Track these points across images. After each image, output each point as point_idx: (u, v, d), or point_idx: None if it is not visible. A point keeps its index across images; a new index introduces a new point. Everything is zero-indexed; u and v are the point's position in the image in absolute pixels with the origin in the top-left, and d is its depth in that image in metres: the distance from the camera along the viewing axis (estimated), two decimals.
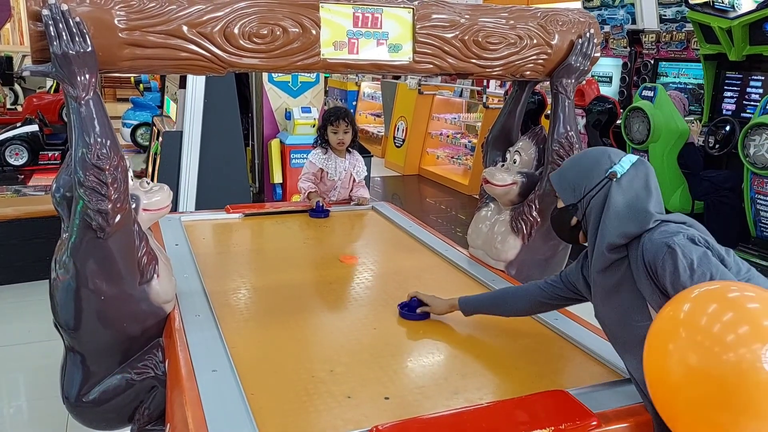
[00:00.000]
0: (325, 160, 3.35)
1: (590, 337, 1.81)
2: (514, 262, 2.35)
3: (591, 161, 1.54)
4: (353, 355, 1.71)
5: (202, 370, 1.56)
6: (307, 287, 2.21)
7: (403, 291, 2.21)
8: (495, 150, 2.58)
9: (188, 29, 1.77)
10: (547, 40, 2.21)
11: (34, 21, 1.61)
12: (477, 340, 1.89)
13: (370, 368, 1.63)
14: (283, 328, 1.87)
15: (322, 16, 1.92)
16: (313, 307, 2.05)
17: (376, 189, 8.00)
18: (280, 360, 1.67)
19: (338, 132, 3.28)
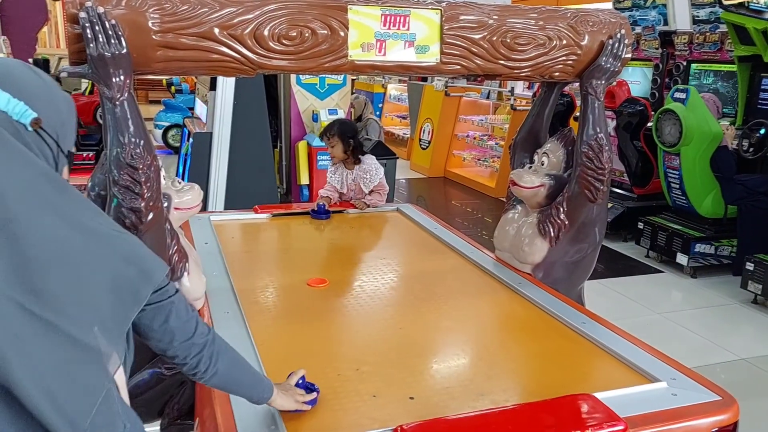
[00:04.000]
0: (332, 173, 3.40)
1: (618, 341, 1.79)
2: (541, 265, 2.33)
3: None
4: (379, 354, 1.72)
5: None
6: (334, 287, 2.22)
7: (429, 292, 2.22)
8: (523, 152, 2.57)
9: (219, 31, 1.80)
10: (577, 40, 2.19)
11: (72, 23, 1.65)
12: (503, 342, 1.89)
13: (395, 368, 1.64)
14: (310, 326, 1.89)
15: (351, 18, 1.94)
16: (339, 307, 2.06)
17: (401, 191, 8.01)
18: (307, 358, 1.69)
19: (335, 146, 3.31)
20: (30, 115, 0.95)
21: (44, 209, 0.90)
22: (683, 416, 1.41)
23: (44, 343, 0.87)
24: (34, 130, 0.96)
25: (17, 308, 0.85)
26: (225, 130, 4.99)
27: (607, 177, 2.19)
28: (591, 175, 2.18)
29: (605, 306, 3.60)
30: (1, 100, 0.94)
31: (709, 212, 4.88)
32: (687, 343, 3.74)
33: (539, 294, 2.14)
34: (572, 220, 2.25)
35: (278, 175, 5.76)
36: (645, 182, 5.67)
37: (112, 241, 0.99)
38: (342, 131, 3.32)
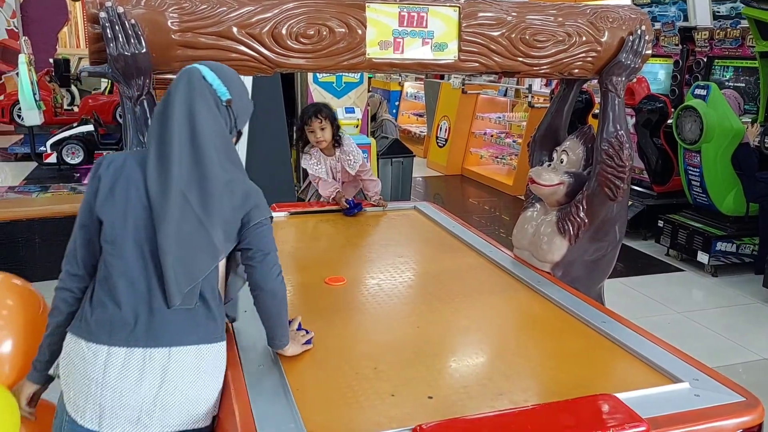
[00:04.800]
0: (314, 165, 3.20)
1: (639, 341, 1.77)
2: (560, 264, 2.31)
3: None
4: (397, 353, 1.71)
5: (249, 364, 1.59)
6: (351, 285, 2.22)
7: (446, 290, 2.21)
8: (542, 149, 2.55)
9: (238, 30, 1.81)
10: (597, 37, 2.17)
11: (92, 23, 1.67)
12: (522, 341, 1.87)
13: (413, 367, 1.63)
14: (327, 324, 1.89)
15: (368, 16, 1.93)
16: (357, 305, 2.06)
17: (418, 189, 7.99)
18: (325, 356, 1.69)
19: (314, 131, 3.12)
20: (227, 96, 1.48)
21: (215, 150, 1.42)
22: (707, 417, 1.39)
23: (190, 229, 1.38)
24: (226, 106, 1.48)
25: (185, 203, 1.37)
26: (242, 129, 5.01)
27: (627, 175, 2.16)
28: (611, 173, 2.16)
29: (625, 305, 3.56)
30: (214, 81, 1.47)
31: (731, 210, 4.81)
32: (708, 343, 3.69)
33: (559, 293, 2.13)
34: (592, 218, 2.23)
35: (295, 173, 5.78)
36: (665, 180, 5.60)
37: (244, 182, 1.49)
38: (331, 113, 3.19)
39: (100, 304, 1.38)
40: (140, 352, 1.36)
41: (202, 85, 1.44)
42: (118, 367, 1.35)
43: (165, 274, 1.36)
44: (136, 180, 1.39)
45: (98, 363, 1.35)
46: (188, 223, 1.38)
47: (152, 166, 1.38)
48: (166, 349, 1.37)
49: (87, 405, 1.36)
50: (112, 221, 1.38)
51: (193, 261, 1.39)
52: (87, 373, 1.36)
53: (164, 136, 1.39)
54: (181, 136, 1.39)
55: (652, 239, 5.41)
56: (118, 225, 1.38)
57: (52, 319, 1.47)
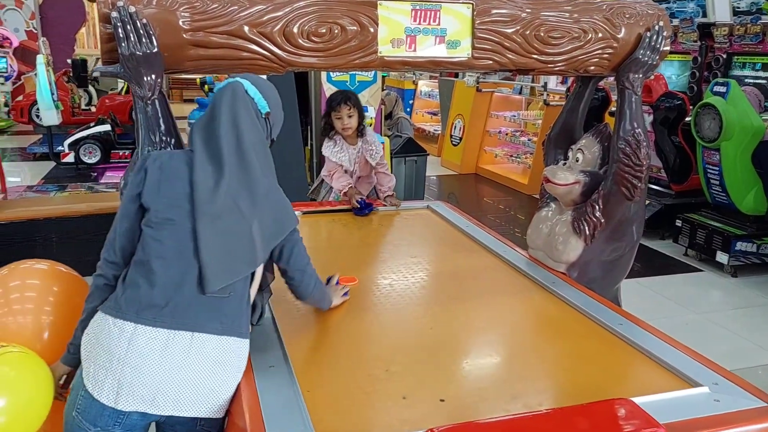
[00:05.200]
0: (337, 152, 3.19)
1: (656, 344, 1.73)
2: (575, 264, 2.27)
3: None
4: (409, 354, 1.69)
5: (260, 365, 1.58)
6: (363, 285, 2.20)
7: (460, 291, 2.19)
8: (557, 148, 2.51)
9: (249, 29, 1.80)
10: (613, 33, 2.13)
11: (104, 23, 1.67)
12: (537, 343, 1.84)
13: (426, 368, 1.61)
14: (340, 325, 1.88)
15: (380, 14, 1.91)
16: (370, 306, 2.04)
17: (432, 188, 7.96)
18: (336, 358, 1.68)
19: (342, 117, 3.10)
20: (266, 109, 1.64)
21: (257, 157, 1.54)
22: (727, 423, 1.36)
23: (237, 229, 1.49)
24: (264, 118, 1.64)
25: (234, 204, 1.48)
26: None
27: (644, 174, 2.12)
28: (628, 172, 2.12)
29: (642, 306, 3.51)
30: (256, 95, 1.62)
31: (751, 209, 4.73)
32: (728, 345, 3.62)
33: (574, 294, 2.09)
34: (608, 218, 2.20)
35: (309, 172, 5.77)
36: (683, 178, 5.52)
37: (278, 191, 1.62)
38: (359, 102, 3.17)
39: (132, 284, 1.45)
40: (164, 332, 1.41)
41: (245, 98, 1.59)
42: (141, 344, 1.40)
43: (203, 263, 1.44)
44: (182, 176, 1.49)
45: (123, 339, 1.40)
46: (235, 223, 1.48)
47: (201, 166, 1.48)
48: (189, 333, 1.43)
49: (106, 380, 1.40)
50: (157, 208, 1.47)
51: (233, 259, 1.49)
52: (110, 349, 1.41)
53: (212, 141, 1.51)
54: (229, 143, 1.51)
55: (670, 239, 5.34)
56: (162, 211, 1.47)
57: (87, 305, 1.55)
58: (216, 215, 1.46)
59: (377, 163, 3.27)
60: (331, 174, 3.25)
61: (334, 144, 3.20)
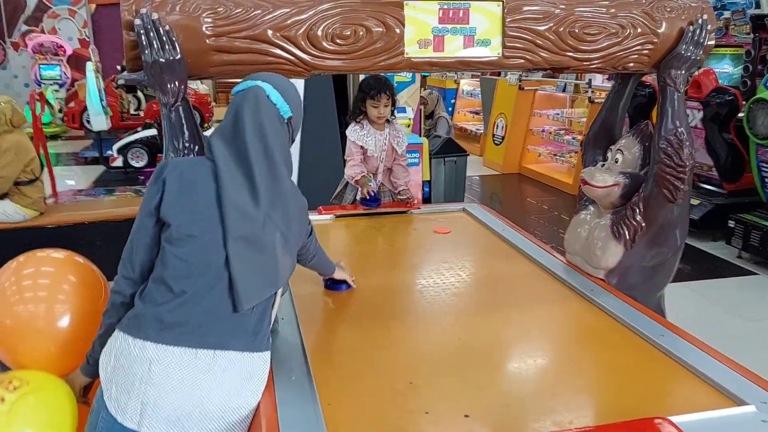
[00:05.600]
0: (364, 136, 3.13)
1: (700, 357, 1.63)
2: (615, 271, 2.17)
3: None
4: (434, 366, 1.64)
5: (281, 375, 1.55)
6: (392, 292, 2.15)
7: (492, 299, 2.12)
8: (596, 148, 2.41)
9: (273, 33, 1.77)
10: (653, 28, 2.03)
11: (128, 30, 1.67)
12: (571, 355, 1.76)
13: (451, 382, 1.55)
14: (365, 334, 1.83)
15: (407, 14, 1.86)
16: (397, 314, 1.99)
17: (475, 188, 7.86)
18: (359, 369, 1.63)
19: (379, 106, 3.06)
20: (288, 113, 1.57)
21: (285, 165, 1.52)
22: None
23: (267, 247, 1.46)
24: (287, 123, 1.58)
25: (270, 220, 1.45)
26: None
27: (687, 175, 2.01)
28: (670, 173, 2.01)
29: (690, 312, 3.35)
30: (278, 101, 1.55)
31: None
32: None
33: (613, 302, 2.00)
34: (649, 222, 2.09)
35: None
36: (736, 177, 5.27)
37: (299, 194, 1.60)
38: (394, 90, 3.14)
39: (152, 302, 1.40)
40: (187, 351, 1.38)
41: (268, 104, 1.52)
42: (163, 365, 1.36)
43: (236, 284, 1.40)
44: (205, 188, 1.43)
45: (144, 360, 1.36)
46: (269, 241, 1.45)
47: (230, 179, 1.43)
48: (212, 351, 1.39)
49: (129, 402, 1.36)
50: (179, 223, 1.41)
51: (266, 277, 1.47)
52: (132, 370, 1.37)
53: (240, 153, 1.46)
54: (257, 153, 1.46)
55: (722, 240, 5.11)
56: (185, 226, 1.41)
57: (105, 319, 1.51)
58: (252, 237, 1.42)
59: (398, 155, 3.22)
60: (348, 159, 3.19)
61: (361, 128, 3.16)
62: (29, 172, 4.06)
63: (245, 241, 1.41)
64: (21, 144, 3.98)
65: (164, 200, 1.43)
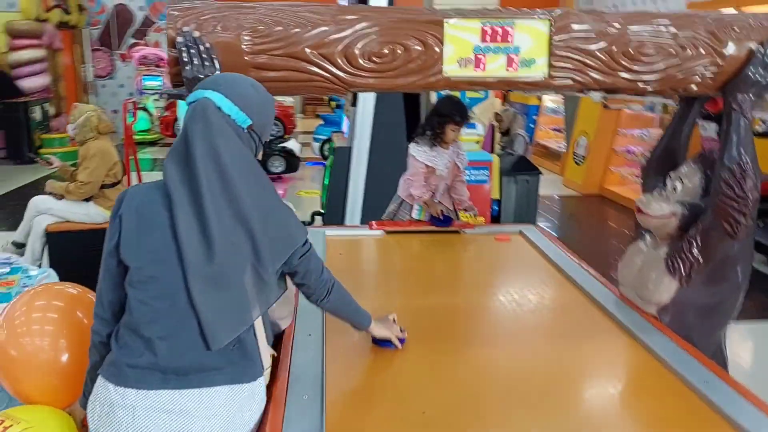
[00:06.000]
0: (434, 157, 3.13)
1: (750, 413, 1.47)
2: (668, 308, 2.02)
3: None
4: (452, 397, 1.57)
5: (294, 393, 1.54)
6: (427, 314, 2.10)
7: (530, 330, 2.02)
8: (657, 174, 2.26)
9: (311, 51, 1.78)
10: (718, 49, 1.88)
11: (171, 47, 1.72)
12: (603, 398, 1.64)
13: (465, 417, 1.48)
14: (387, 357, 1.79)
15: (447, 33, 1.82)
16: (425, 338, 1.93)
17: (554, 209, 7.62)
18: (373, 394, 1.60)
19: (458, 130, 3.09)
20: (247, 122, 1.39)
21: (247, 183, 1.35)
22: None
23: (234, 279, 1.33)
24: (248, 132, 1.40)
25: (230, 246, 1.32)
26: (364, 144, 5.06)
27: (750, 209, 1.84)
28: (730, 205, 1.85)
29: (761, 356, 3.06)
30: (232, 111, 1.37)
31: None
32: None
33: (659, 341, 1.86)
34: (707, 257, 1.93)
35: None
36: None
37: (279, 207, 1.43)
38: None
39: (125, 348, 1.34)
40: (171, 394, 1.31)
41: (220, 119, 1.35)
42: (147, 409, 1.30)
43: (204, 324, 1.30)
44: (161, 223, 1.32)
45: (128, 406, 1.31)
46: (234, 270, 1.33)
47: (182, 213, 1.30)
48: (197, 390, 1.32)
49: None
50: (139, 266, 1.33)
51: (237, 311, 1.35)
52: (117, 417, 1.31)
53: (191, 180, 1.31)
54: (210, 179, 1.31)
55: None
56: (145, 269, 1.32)
57: (90, 357, 1.47)
58: (213, 274, 1.30)
59: (460, 171, 3.22)
60: (412, 179, 3.16)
61: (430, 148, 3.15)
62: (112, 176, 4.30)
63: (206, 280, 1.30)
64: (105, 150, 4.23)
65: (122, 240, 1.34)
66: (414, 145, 3.17)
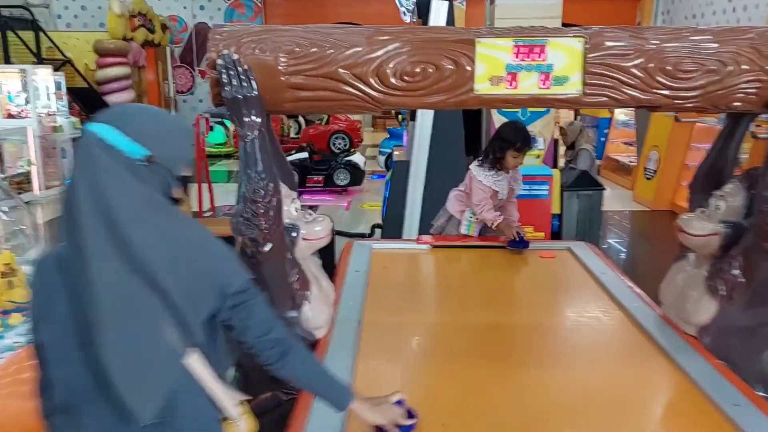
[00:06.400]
0: (498, 182, 3.12)
1: None
2: (709, 329, 1.96)
3: None
4: (477, 413, 1.59)
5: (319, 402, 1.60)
6: (462, 330, 2.12)
7: (565, 348, 2.01)
8: (703, 192, 2.20)
9: (344, 71, 1.86)
10: (762, 64, 1.82)
11: (212, 69, 1.84)
12: (631, 423, 1.60)
13: (487, 427, 1.50)
14: (417, 370, 1.84)
15: (478, 51, 1.86)
16: (457, 353, 1.96)
17: (624, 224, 7.40)
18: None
19: (520, 156, 3.07)
20: (142, 152, 1.16)
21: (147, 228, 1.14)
22: None
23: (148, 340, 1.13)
24: (146, 164, 1.17)
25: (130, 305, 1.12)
26: (422, 158, 5.10)
27: None
28: None
29: None
30: (120, 142, 1.15)
31: None
32: None
33: (698, 365, 1.81)
34: (749, 277, 1.87)
35: None
36: None
37: (198, 247, 1.21)
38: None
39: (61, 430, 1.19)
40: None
41: (102, 154, 1.14)
42: None
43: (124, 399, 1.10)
44: (58, 289, 1.15)
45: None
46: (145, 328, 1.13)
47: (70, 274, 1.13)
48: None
49: None
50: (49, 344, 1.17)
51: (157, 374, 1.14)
52: None
53: (74, 231, 1.12)
54: (95, 228, 1.11)
55: None
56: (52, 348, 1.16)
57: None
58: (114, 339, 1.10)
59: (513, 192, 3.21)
60: (483, 205, 3.15)
61: (495, 173, 3.14)
62: None
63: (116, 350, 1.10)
64: None
65: (33, 316, 1.19)
66: (478, 169, 3.16)
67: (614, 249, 6.55)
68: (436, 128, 5.05)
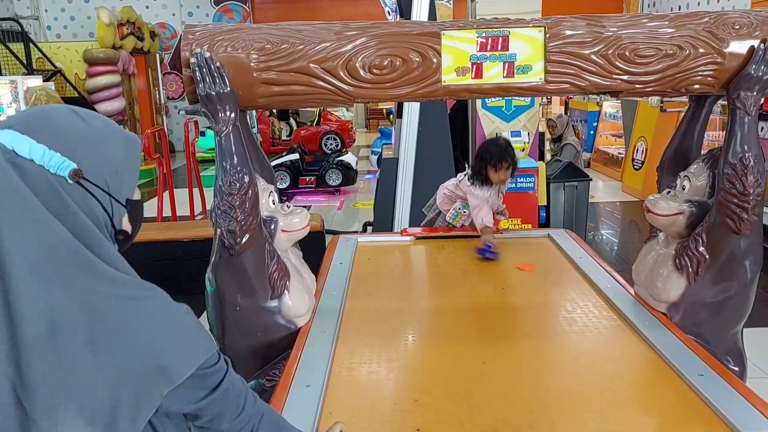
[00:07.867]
0: (486, 193, 3.09)
1: (739, 406, 1.48)
2: (678, 305, 2.02)
3: None
4: (446, 387, 1.65)
5: (298, 383, 1.66)
6: (441, 314, 2.18)
7: (537, 328, 2.07)
8: (669, 174, 2.27)
9: (315, 66, 1.92)
10: (718, 47, 1.89)
11: (186, 67, 1.90)
12: (600, 396, 1.65)
13: (455, 404, 1.56)
14: (394, 351, 1.89)
15: (444, 43, 1.92)
16: (435, 335, 2.02)
17: (615, 214, 7.49)
18: (373, 383, 1.70)
19: (500, 172, 3.03)
20: (68, 166, 0.87)
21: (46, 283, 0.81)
22: None
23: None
24: (75, 182, 0.89)
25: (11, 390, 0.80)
26: (410, 155, 5.16)
27: (752, 204, 1.83)
28: (732, 201, 1.85)
29: None
30: (36, 153, 0.85)
31: None
32: None
33: (666, 340, 1.87)
34: (714, 253, 1.93)
35: None
36: None
37: (121, 327, 0.85)
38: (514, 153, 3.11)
39: None
40: None
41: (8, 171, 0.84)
42: None
43: None
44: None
45: None
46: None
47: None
48: None
49: None
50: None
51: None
52: None
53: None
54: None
55: None
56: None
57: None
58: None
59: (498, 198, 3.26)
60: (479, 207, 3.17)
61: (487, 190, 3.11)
62: None
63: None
64: None
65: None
66: (470, 187, 3.14)
67: (606, 239, 6.63)
68: (422, 125, 5.11)
